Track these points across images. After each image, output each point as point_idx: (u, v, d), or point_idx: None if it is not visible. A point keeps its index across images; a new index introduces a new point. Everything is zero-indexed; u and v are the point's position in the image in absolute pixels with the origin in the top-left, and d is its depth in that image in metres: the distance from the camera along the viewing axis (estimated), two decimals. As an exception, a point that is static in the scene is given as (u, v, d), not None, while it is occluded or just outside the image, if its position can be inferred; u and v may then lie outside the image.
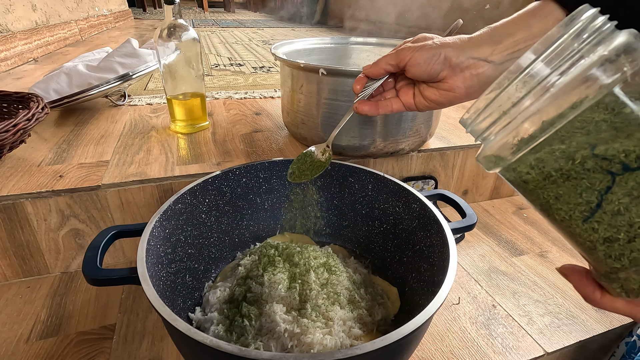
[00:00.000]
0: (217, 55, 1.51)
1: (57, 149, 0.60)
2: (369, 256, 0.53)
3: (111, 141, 0.63)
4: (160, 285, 0.37)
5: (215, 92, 0.96)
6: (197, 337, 0.26)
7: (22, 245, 0.49)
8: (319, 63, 0.74)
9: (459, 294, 0.50)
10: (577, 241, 0.21)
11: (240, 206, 0.52)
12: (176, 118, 0.68)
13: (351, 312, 0.41)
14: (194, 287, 0.45)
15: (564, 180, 0.20)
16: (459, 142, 0.67)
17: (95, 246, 0.35)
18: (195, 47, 0.63)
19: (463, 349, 0.42)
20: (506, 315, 0.47)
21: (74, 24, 1.81)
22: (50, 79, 0.72)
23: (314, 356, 0.24)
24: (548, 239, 0.63)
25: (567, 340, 0.44)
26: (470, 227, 0.42)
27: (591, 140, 0.19)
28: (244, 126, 0.73)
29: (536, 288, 0.52)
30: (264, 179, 0.53)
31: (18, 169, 0.53)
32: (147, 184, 0.51)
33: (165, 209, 0.41)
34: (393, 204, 0.49)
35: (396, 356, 0.30)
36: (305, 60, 0.57)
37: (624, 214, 0.19)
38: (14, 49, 1.24)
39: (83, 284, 0.51)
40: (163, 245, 0.40)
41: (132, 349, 0.41)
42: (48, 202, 0.48)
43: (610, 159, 0.18)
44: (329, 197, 0.54)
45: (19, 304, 0.47)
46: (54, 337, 0.43)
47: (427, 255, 0.42)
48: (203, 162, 0.57)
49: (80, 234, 0.51)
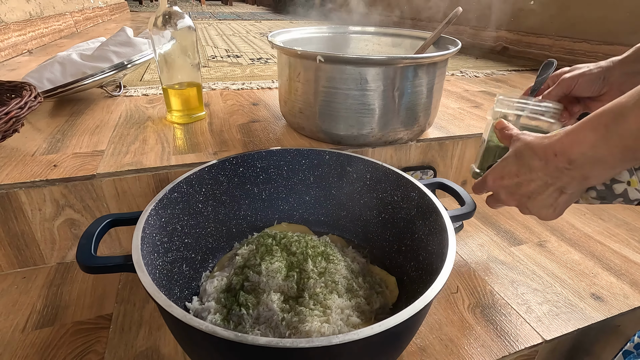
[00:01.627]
0: (214, 47, 1.50)
1: (51, 139, 0.59)
2: (367, 245, 0.52)
3: (106, 131, 0.63)
4: (157, 273, 0.36)
5: (212, 83, 0.95)
6: (193, 324, 0.25)
7: (17, 235, 0.49)
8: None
9: (458, 283, 0.50)
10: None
11: (237, 196, 0.51)
12: (172, 108, 0.67)
13: (349, 301, 0.40)
14: (191, 276, 0.45)
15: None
16: (457, 132, 0.67)
17: (89, 234, 0.35)
18: (191, 36, 0.62)
19: (461, 337, 0.42)
20: (505, 303, 0.47)
21: (68, 16, 1.79)
22: (44, 69, 0.71)
23: (310, 341, 0.24)
24: (547, 229, 0.63)
25: (565, 328, 0.44)
26: (469, 215, 0.41)
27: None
28: (241, 116, 0.72)
29: (535, 277, 0.52)
30: (261, 168, 0.52)
31: (12, 159, 0.52)
32: (142, 174, 0.51)
33: (161, 198, 0.40)
34: (391, 192, 0.48)
35: (394, 342, 0.30)
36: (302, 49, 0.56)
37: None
38: (7, 40, 1.22)
39: (79, 275, 0.50)
40: (159, 234, 0.39)
41: (128, 338, 0.41)
42: (42, 191, 0.47)
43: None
44: (327, 186, 0.54)
45: (15, 295, 0.47)
46: (50, 326, 0.42)
47: (426, 244, 0.42)
48: (200, 152, 0.57)
49: (76, 224, 0.51)
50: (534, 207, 0.38)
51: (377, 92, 0.55)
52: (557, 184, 0.34)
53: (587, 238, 0.61)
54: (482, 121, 0.73)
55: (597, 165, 0.30)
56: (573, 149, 0.31)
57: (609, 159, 0.29)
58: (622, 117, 0.27)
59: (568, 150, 0.31)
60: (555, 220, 0.65)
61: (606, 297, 0.49)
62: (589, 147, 0.30)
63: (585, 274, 0.53)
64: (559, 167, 0.32)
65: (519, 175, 0.37)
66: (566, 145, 0.31)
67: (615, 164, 0.29)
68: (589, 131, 0.30)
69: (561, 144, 0.32)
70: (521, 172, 0.36)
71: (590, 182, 0.33)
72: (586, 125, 0.30)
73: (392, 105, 0.56)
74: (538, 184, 0.35)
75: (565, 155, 0.31)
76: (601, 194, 0.36)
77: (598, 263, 0.55)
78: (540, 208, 0.37)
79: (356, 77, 0.54)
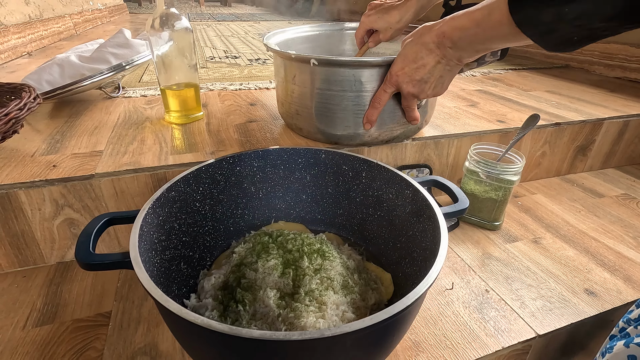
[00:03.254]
0: (212, 48, 1.50)
1: (50, 140, 0.60)
2: (363, 243, 0.53)
3: (105, 132, 0.63)
4: (154, 271, 0.37)
5: (210, 83, 0.96)
6: (189, 317, 0.26)
7: (17, 235, 0.49)
8: (313, 51, 0.74)
9: (453, 279, 0.51)
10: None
11: (234, 195, 0.52)
12: (170, 109, 0.68)
13: (344, 297, 0.41)
14: (189, 274, 0.46)
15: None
16: (453, 131, 0.67)
17: (87, 232, 0.35)
18: (189, 37, 0.62)
19: (456, 332, 0.43)
20: (499, 299, 0.48)
21: (68, 18, 1.80)
22: (43, 70, 0.71)
23: (303, 334, 0.25)
24: (542, 226, 0.63)
25: (558, 322, 0.44)
26: (462, 212, 0.42)
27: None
28: (239, 116, 0.73)
29: (529, 273, 0.52)
30: (258, 167, 0.53)
31: (11, 159, 0.52)
32: (140, 173, 0.51)
33: (159, 196, 0.41)
34: (387, 190, 0.49)
35: (386, 336, 0.31)
36: (298, 49, 0.57)
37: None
38: (7, 42, 1.23)
39: (79, 274, 0.51)
40: (157, 232, 0.40)
41: (127, 335, 0.42)
42: (42, 191, 0.48)
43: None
44: (323, 185, 0.54)
45: (15, 293, 0.47)
46: (49, 324, 0.43)
47: (420, 241, 0.42)
48: (197, 152, 0.57)
49: (75, 224, 0.51)
50: (430, 89, 0.50)
51: (372, 93, 0.55)
52: (444, 62, 0.46)
53: (582, 234, 0.61)
54: (478, 119, 0.74)
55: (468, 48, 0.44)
56: (454, 33, 0.43)
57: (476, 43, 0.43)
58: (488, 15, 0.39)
59: (451, 33, 0.44)
60: (551, 217, 0.66)
61: (600, 292, 0.49)
62: (464, 32, 0.42)
63: (579, 270, 0.53)
64: (445, 46, 0.45)
65: (416, 61, 0.48)
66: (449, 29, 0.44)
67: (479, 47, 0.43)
68: (465, 20, 0.42)
69: (447, 27, 0.44)
70: (418, 58, 0.47)
71: (464, 61, 0.47)
72: (464, 16, 0.42)
73: (387, 105, 0.57)
74: (432, 65, 0.47)
75: (449, 37, 0.44)
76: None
77: (592, 259, 0.56)
78: (434, 87, 0.50)
79: (350, 79, 0.54)
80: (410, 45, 0.48)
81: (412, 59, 0.48)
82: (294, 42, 0.71)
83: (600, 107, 0.83)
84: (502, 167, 0.56)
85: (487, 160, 0.57)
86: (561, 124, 0.74)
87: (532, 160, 0.76)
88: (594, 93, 0.96)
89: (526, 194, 0.74)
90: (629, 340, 0.35)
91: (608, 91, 0.98)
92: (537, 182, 0.79)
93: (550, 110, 0.80)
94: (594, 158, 0.83)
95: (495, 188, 0.58)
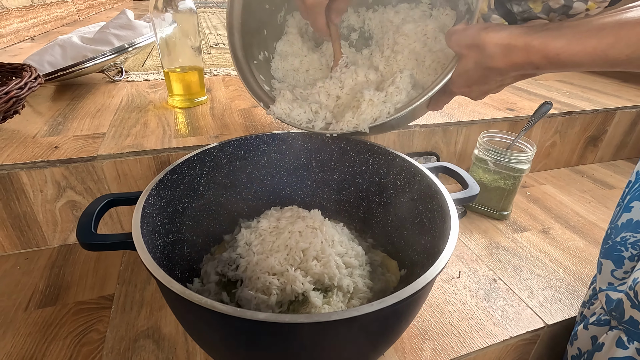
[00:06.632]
0: (216, 35, 1.48)
1: (52, 122, 0.59)
2: (369, 230, 0.52)
3: (108, 115, 0.62)
4: (157, 254, 0.36)
5: (215, 69, 0.94)
6: (193, 299, 0.25)
7: (19, 216, 0.49)
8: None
9: (460, 268, 0.50)
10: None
11: (238, 179, 0.51)
12: (174, 92, 0.66)
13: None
14: (193, 259, 0.45)
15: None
16: (461, 118, 0.66)
17: (89, 212, 0.34)
18: (192, 19, 0.61)
19: (463, 320, 0.42)
20: (507, 289, 0.47)
21: (70, 3, 1.77)
22: (45, 52, 0.70)
23: (310, 317, 0.24)
24: (551, 216, 0.62)
25: (567, 313, 0.44)
26: (473, 198, 0.41)
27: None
28: (243, 101, 0.71)
29: (538, 263, 0.51)
30: (263, 152, 0.51)
31: (12, 140, 0.52)
32: (143, 156, 0.50)
33: (162, 178, 0.40)
34: (394, 177, 0.48)
35: (394, 321, 0.30)
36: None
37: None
38: (9, 26, 1.21)
39: (81, 256, 0.50)
40: (160, 215, 0.39)
41: (130, 317, 0.41)
42: (43, 172, 0.47)
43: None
44: (329, 171, 0.53)
45: (17, 275, 0.47)
46: (52, 306, 0.43)
47: (429, 227, 0.41)
48: (201, 135, 0.56)
49: (77, 206, 0.51)
50: (479, 95, 0.42)
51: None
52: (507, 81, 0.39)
53: (592, 225, 0.60)
54: (487, 107, 0.72)
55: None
56: (551, 62, 0.32)
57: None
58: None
59: (544, 65, 0.33)
60: (560, 207, 0.65)
61: (610, 283, 0.48)
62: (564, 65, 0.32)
63: (589, 261, 0.52)
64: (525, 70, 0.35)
65: (487, 83, 0.39)
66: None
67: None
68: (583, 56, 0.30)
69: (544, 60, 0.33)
70: (488, 80, 0.38)
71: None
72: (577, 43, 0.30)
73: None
74: (495, 84, 0.40)
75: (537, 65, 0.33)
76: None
77: (602, 250, 0.54)
78: (481, 94, 0.42)
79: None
80: (476, 69, 0.37)
81: (477, 82, 0.39)
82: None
83: (612, 97, 0.81)
84: (512, 155, 0.55)
85: (497, 148, 0.56)
86: (573, 113, 0.72)
87: (542, 150, 0.75)
88: (606, 83, 0.93)
89: (535, 184, 0.72)
90: (586, 322, 0.38)
91: (621, 81, 0.95)
92: (546, 172, 0.77)
93: (562, 99, 0.78)
94: (605, 149, 0.81)
95: (504, 177, 0.57)
